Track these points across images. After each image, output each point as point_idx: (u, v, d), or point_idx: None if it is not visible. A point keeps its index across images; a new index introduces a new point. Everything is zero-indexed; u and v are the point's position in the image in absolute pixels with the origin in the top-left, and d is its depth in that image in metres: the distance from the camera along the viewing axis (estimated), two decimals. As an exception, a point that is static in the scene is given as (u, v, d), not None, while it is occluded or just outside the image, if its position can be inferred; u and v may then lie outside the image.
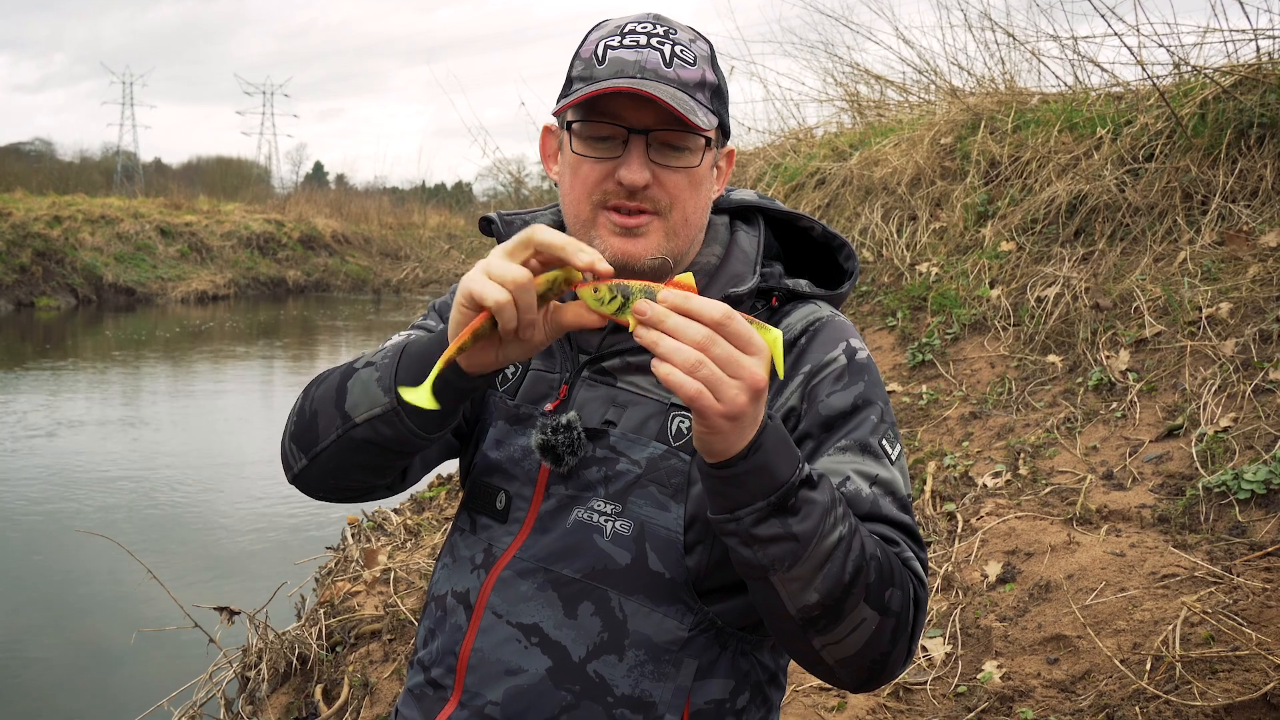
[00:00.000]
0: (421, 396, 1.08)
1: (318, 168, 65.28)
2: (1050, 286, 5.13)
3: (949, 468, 4.33)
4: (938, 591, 3.49)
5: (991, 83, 7.31)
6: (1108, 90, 6.08)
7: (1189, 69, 5.33)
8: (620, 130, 1.24)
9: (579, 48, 1.31)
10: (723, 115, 1.32)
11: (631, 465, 1.28)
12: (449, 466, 1.70)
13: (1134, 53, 5.47)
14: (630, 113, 1.23)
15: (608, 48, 1.26)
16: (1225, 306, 4.22)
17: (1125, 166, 5.29)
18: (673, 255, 1.29)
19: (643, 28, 1.27)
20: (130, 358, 15.10)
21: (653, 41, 1.26)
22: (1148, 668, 2.74)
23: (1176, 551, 3.18)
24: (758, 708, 1.35)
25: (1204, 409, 3.84)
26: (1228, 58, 5.18)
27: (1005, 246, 5.63)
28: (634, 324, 1.02)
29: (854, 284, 1.44)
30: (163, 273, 24.27)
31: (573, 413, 1.31)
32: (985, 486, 4.09)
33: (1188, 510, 3.41)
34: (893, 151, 6.94)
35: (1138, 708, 2.63)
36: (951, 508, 4.00)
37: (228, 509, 7.58)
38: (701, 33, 1.33)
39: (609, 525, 1.28)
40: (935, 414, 4.87)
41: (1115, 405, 4.22)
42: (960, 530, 3.79)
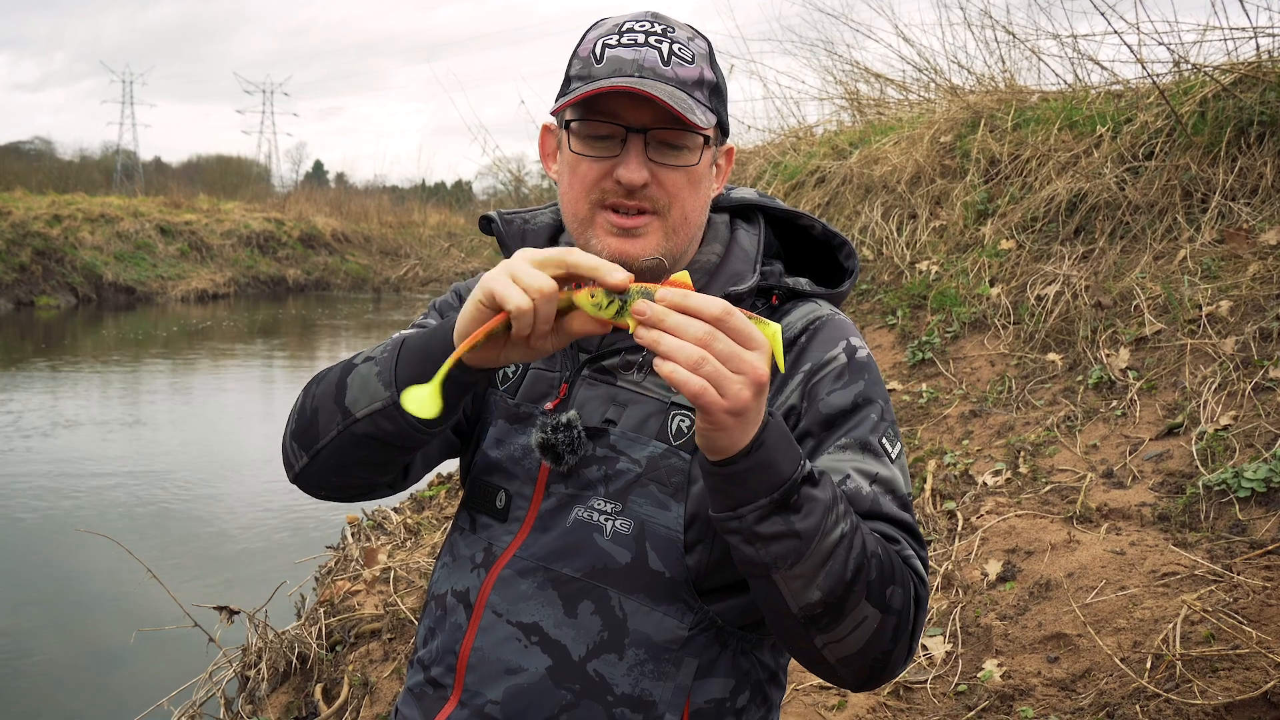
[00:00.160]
0: (428, 397, 1.06)
1: (317, 166, 65.31)
2: (1050, 285, 5.13)
3: (949, 466, 4.33)
4: (938, 590, 3.49)
5: (991, 81, 7.31)
6: (1108, 88, 6.08)
7: (1189, 67, 5.33)
8: (619, 129, 1.24)
9: (577, 46, 1.31)
10: (721, 113, 1.31)
11: (632, 464, 1.28)
12: (449, 465, 1.70)
13: (1134, 51, 5.47)
14: (628, 111, 1.23)
15: (606, 46, 1.26)
16: (1225, 304, 4.22)
17: (1125, 164, 5.28)
18: (672, 254, 1.29)
19: (641, 26, 1.27)
20: (130, 357, 15.09)
21: (651, 40, 1.26)
22: (1148, 666, 2.74)
23: (1177, 550, 3.18)
24: (758, 707, 1.35)
25: (1204, 407, 3.84)
26: (1228, 56, 5.18)
27: (1005, 245, 5.63)
28: (634, 325, 1.02)
29: (854, 282, 1.44)
30: (162, 271, 24.27)
31: (573, 411, 1.31)
32: (985, 485, 4.09)
33: (1188, 508, 3.40)
34: (892, 150, 6.94)
35: (1138, 706, 2.63)
36: (951, 506, 4.00)
37: (227, 508, 7.58)
38: (700, 30, 1.32)
39: (609, 524, 1.28)
40: (935, 412, 4.87)
41: (1115, 403, 4.22)
42: (960, 529, 3.79)
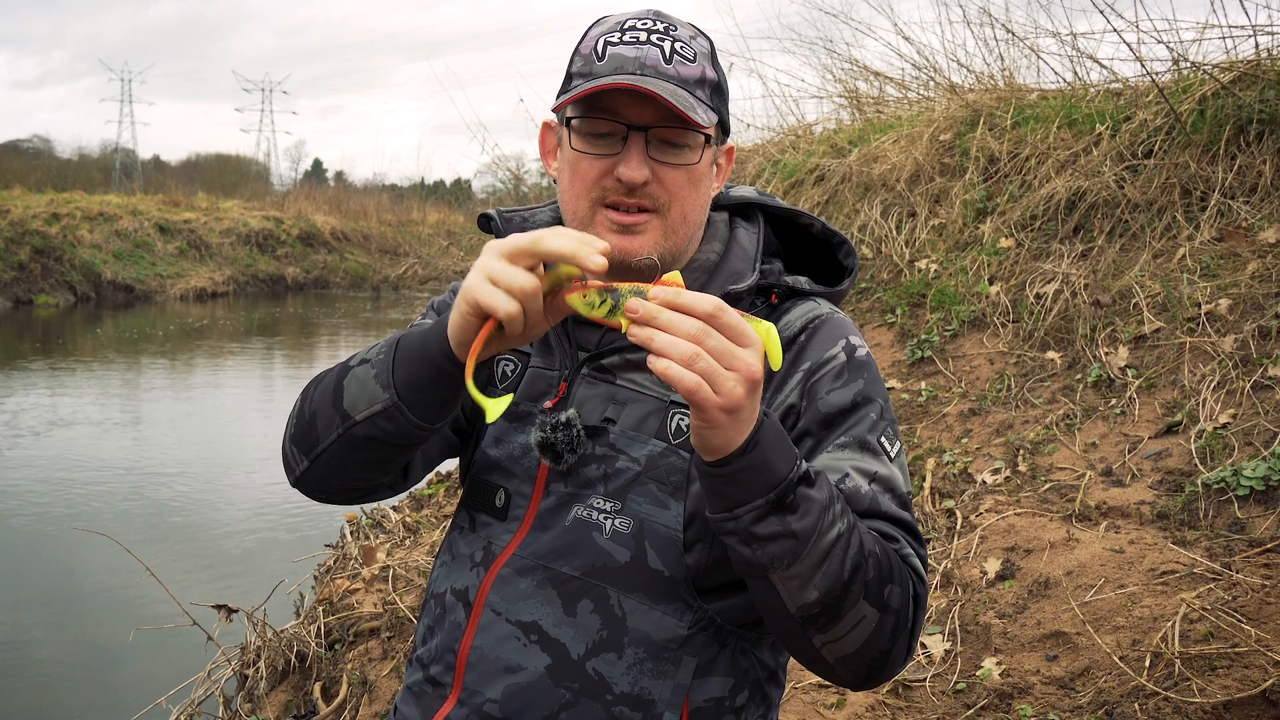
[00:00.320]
0: (498, 407, 1.08)
1: (317, 165, 65.27)
2: (1049, 283, 5.13)
3: (948, 464, 4.33)
4: (937, 588, 3.49)
5: (990, 79, 7.31)
6: (1107, 86, 6.08)
7: (1188, 65, 5.33)
8: (620, 127, 1.24)
9: (578, 44, 1.31)
10: (722, 112, 1.31)
11: (631, 463, 1.28)
12: (448, 464, 1.70)
13: (1133, 49, 5.47)
14: (630, 109, 1.23)
15: (607, 44, 1.25)
16: (1224, 303, 4.22)
17: (1124, 163, 5.28)
18: (671, 252, 1.29)
19: (643, 24, 1.27)
20: (129, 355, 15.08)
21: (653, 38, 1.25)
22: (1147, 664, 2.75)
23: (1176, 548, 3.18)
24: (757, 705, 1.35)
25: (1203, 405, 3.84)
26: (1227, 54, 5.18)
27: (1004, 243, 5.63)
28: (626, 324, 1.02)
29: (854, 281, 1.43)
30: (161, 270, 24.24)
31: (572, 410, 1.30)
32: (984, 483, 4.09)
33: (1187, 507, 3.41)
34: (892, 148, 6.93)
35: (1137, 704, 2.63)
36: (951, 504, 4.00)
37: (226, 506, 7.58)
38: (701, 29, 1.32)
39: (608, 523, 1.28)
40: (934, 411, 4.87)
41: (1114, 402, 4.22)
42: (959, 527, 3.79)
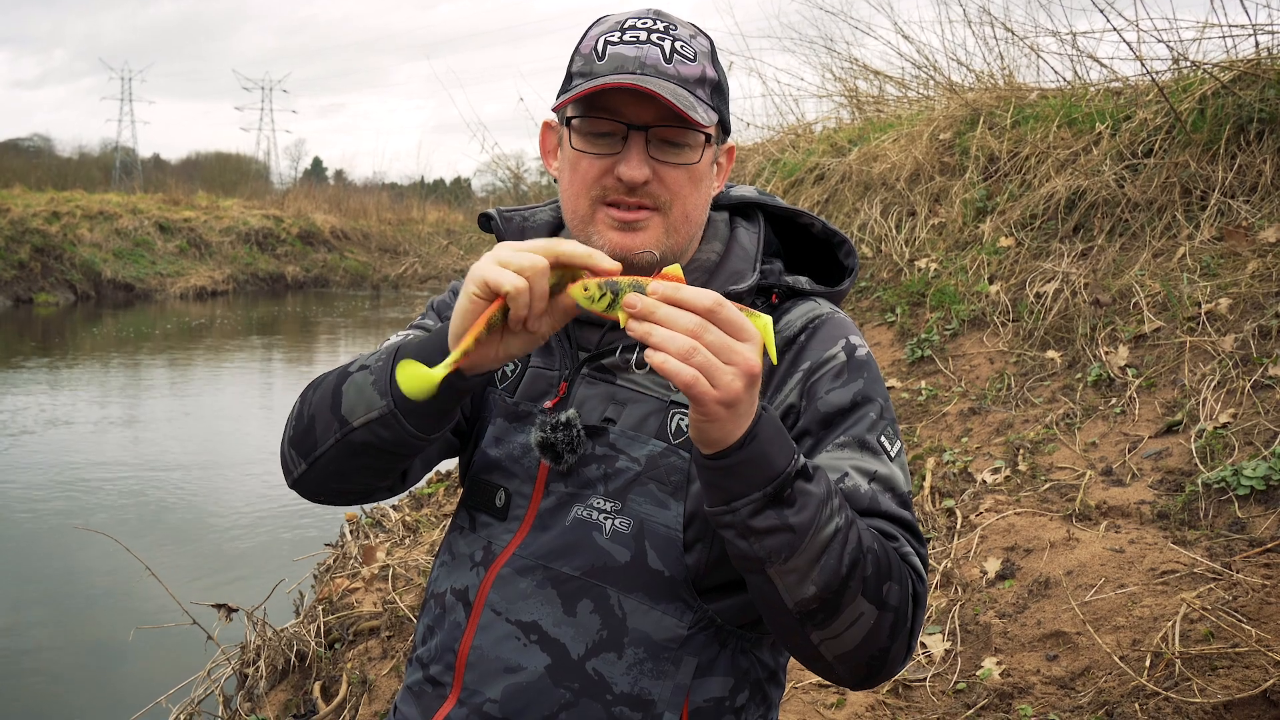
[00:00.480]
0: (422, 378, 1.04)
1: (316, 163, 65.24)
2: (1049, 282, 5.13)
3: (948, 464, 4.33)
4: (936, 588, 3.49)
5: (990, 78, 7.31)
6: (1107, 85, 6.08)
7: (1188, 64, 5.33)
8: (620, 126, 1.23)
9: (579, 43, 1.30)
10: (723, 111, 1.31)
11: (631, 463, 1.28)
12: (448, 463, 1.70)
13: (1133, 48, 5.47)
14: (630, 109, 1.23)
15: (608, 43, 1.25)
16: (1224, 302, 4.22)
17: (1124, 162, 5.28)
18: (672, 252, 1.29)
19: (643, 23, 1.27)
20: (129, 354, 15.08)
21: (653, 37, 1.25)
22: (1147, 664, 2.74)
23: (1176, 548, 3.18)
24: (757, 705, 1.35)
25: (1203, 405, 3.84)
26: (1227, 53, 5.18)
27: (1004, 242, 5.63)
28: (625, 318, 1.02)
29: (854, 280, 1.43)
30: (161, 269, 24.24)
31: (572, 410, 1.30)
32: (984, 483, 4.08)
33: (1187, 506, 3.41)
34: (891, 147, 6.93)
35: (1137, 704, 2.63)
36: (950, 504, 4.00)
37: (226, 505, 7.57)
38: (701, 28, 1.32)
39: (608, 523, 1.28)
40: (934, 410, 4.87)
41: (1114, 401, 4.22)
42: (959, 526, 3.79)
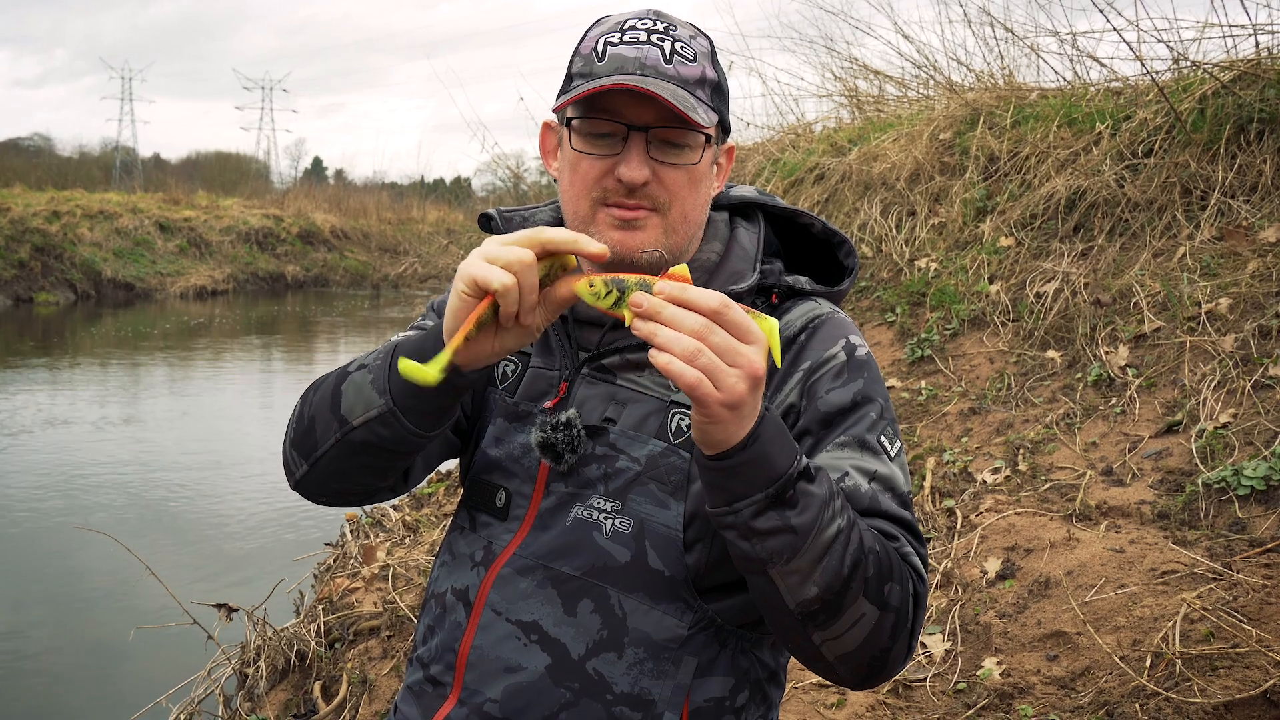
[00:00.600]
0: (426, 372, 1.04)
1: (316, 163, 65.26)
2: (1049, 282, 5.13)
3: (948, 464, 4.33)
4: (937, 588, 3.49)
5: (990, 78, 7.31)
6: (1107, 85, 6.08)
7: (1188, 64, 5.33)
8: (620, 127, 1.23)
9: (579, 44, 1.30)
10: (723, 112, 1.31)
11: (631, 462, 1.28)
12: (448, 463, 1.70)
13: (1133, 48, 5.47)
14: (630, 110, 1.23)
15: (608, 44, 1.25)
16: (1225, 302, 4.22)
17: (1124, 162, 5.28)
18: (672, 252, 1.29)
19: (643, 24, 1.27)
20: (129, 353, 15.08)
21: (653, 38, 1.25)
22: (1147, 664, 2.75)
23: (1176, 548, 3.18)
24: (757, 705, 1.35)
25: (1203, 405, 3.84)
26: (1227, 53, 5.18)
27: (1004, 242, 5.63)
28: (630, 317, 1.01)
29: (854, 280, 1.43)
30: (161, 268, 24.24)
31: (572, 410, 1.30)
32: (984, 482, 4.08)
33: (1187, 506, 3.41)
34: (891, 147, 6.93)
35: (1137, 705, 2.63)
36: (951, 504, 4.00)
37: (226, 505, 7.57)
38: (701, 29, 1.32)
39: (609, 523, 1.28)
40: (934, 410, 4.87)
41: (1115, 401, 4.22)
42: (959, 526, 3.79)
